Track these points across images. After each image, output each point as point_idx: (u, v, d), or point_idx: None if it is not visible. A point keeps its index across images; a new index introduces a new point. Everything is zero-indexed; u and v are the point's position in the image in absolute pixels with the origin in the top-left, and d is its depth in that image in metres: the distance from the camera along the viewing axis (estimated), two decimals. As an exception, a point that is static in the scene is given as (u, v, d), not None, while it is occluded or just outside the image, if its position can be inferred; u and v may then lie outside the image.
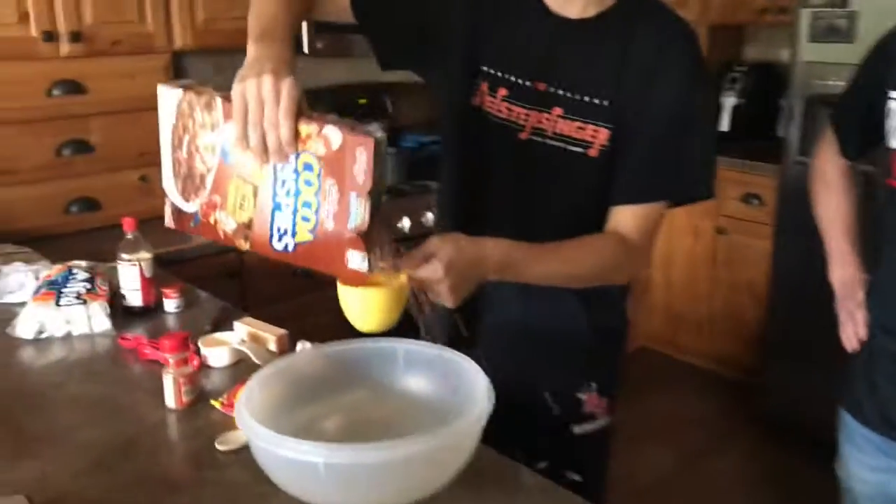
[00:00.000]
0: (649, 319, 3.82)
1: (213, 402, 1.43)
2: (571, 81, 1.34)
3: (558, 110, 1.35)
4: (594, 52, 1.34)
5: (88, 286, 1.83)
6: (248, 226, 1.15)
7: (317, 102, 3.30)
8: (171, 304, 1.88)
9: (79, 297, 1.78)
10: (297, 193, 1.10)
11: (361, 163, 1.04)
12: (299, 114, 1.08)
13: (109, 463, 1.26)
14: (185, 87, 1.15)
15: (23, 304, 1.80)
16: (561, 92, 1.34)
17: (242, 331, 1.70)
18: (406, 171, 3.07)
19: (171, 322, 1.85)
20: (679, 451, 3.14)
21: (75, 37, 2.42)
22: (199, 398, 1.45)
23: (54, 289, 1.81)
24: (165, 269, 2.21)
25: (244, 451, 1.20)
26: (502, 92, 1.38)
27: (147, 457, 1.28)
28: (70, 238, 2.50)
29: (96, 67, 2.51)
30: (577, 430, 1.51)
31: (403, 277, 1.15)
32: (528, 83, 1.36)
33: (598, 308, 1.48)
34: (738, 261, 3.52)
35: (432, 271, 1.15)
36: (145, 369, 1.59)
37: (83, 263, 2.02)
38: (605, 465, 1.61)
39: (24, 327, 1.73)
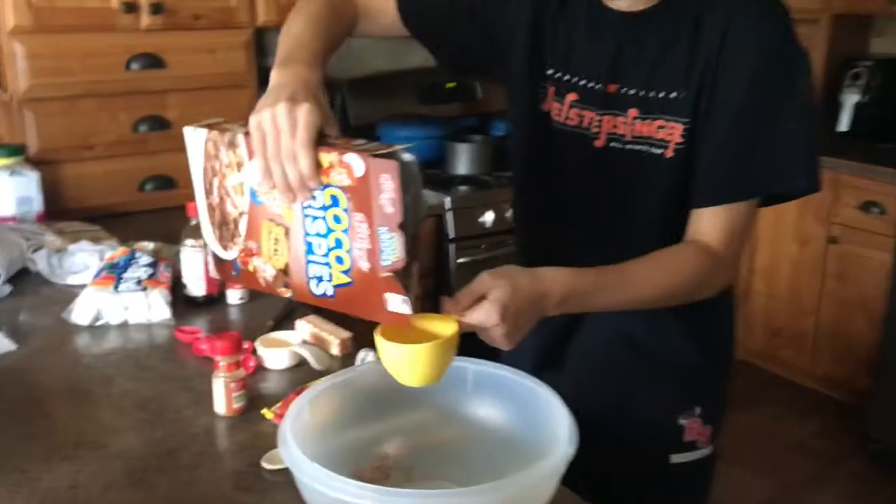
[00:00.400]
0: (748, 331, 3.55)
1: (264, 411, 1.31)
2: (643, 78, 1.19)
3: (634, 111, 1.20)
4: (664, 41, 1.17)
5: (150, 272, 1.73)
6: (286, 272, 1.03)
7: (402, 86, 3.15)
8: (234, 296, 1.76)
9: (139, 283, 1.69)
10: (329, 232, 0.97)
11: (388, 191, 0.90)
12: (321, 141, 0.95)
13: (145, 476, 1.15)
14: (210, 126, 1.04)
15: (84, 287, 1.72)
16: (633, 91, 1.20)
17: (305, 330, 1.57)
18: (492, 161, 2.90)
19: (233, 315, 1.74)
20: (777, 480, 2.89)
21: (156, 9, 2.34)
22: (251, 405, 1.33)
23: (114, 273, 1.72)
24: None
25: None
26: (571, 97, 1.26)
27: (186, 472, 1.16)
28: (143, 216, 2.43)
29: (176, 41, 2.42)
30: (676, 459, 1.33)
31: (453, 324, 1.00)
32: (597, 86, 1.23)
33: (704, 323, 1.32)
34: (851, 273, 3.22)
35: (485, 316, 1.00)
36: (199, 366, 1.48)
37: (149, 246, 1.93)
38: (705, 500, 1.42)
39: (80, 313, 1.64)
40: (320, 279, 1.00)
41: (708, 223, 1.17)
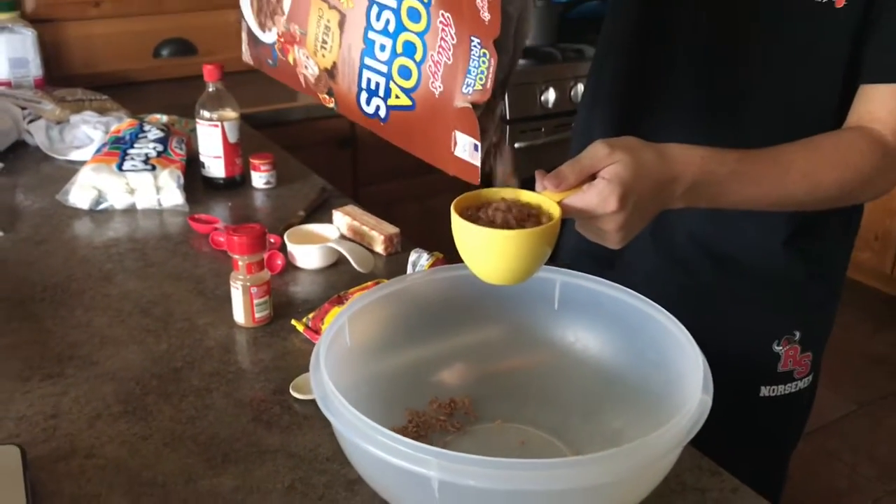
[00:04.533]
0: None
1: (294, 322, 1.06)
2: None
3: None
4: None
5: (160, 148, 1.47)
6: (332, 73, 0.77)
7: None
8: (259, 179, 1.50)
9: (147, 161, 1.42)
10: (399, 31, 0.71)
11: None
12: None
13: (143, 403, 0.91)
14: None
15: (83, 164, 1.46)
16: None
17: (342, 222, 1.30)
18: (556, 32, 2.55)
19: (258, 201, 1.48)
20: (853, 395, 2.64)
21: None
22: (278, 313, 1.08)
23: (119, 148, 1.46)
24: (262, 132, 1.84)
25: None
26: None
27: (195, 398, 0.92)
28: (157, 86, 2.15)
29: None
30: (766, 392, 1.08)
31: (554, 207, 0.74)
32: None
33: (815, 232, 1.02)
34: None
35: (600, 199, 0.74)
36: (216, 264, 1.23)
37: (163, 118, 1.66)
38: (793, 441, 1.17)
39: (78, 195, 1.39)
40: (374, 93, 0.74)
41: (882, 104, 0.88)
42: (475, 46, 0.66)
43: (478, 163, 0.70)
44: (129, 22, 2.09)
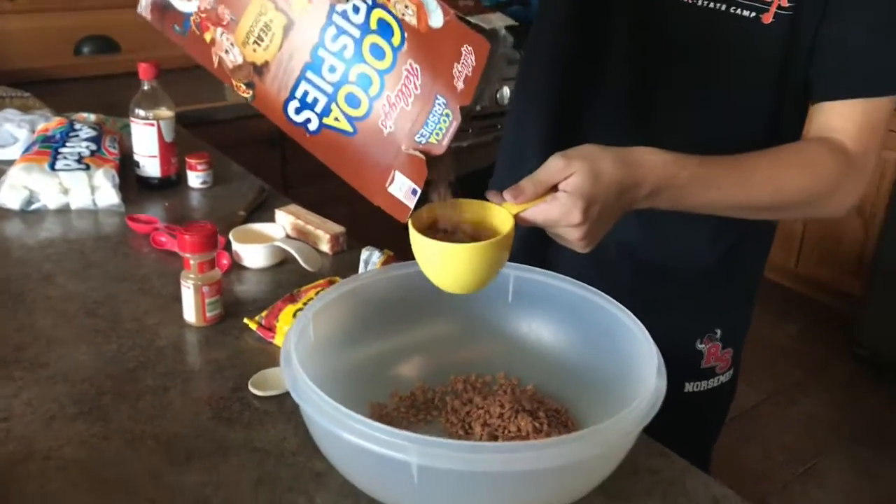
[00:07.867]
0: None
1: (247, 320, 1.06)
2: None
3: None
4: None
5: (93, 147, 1.44)
6: (260, 70, 0.74)
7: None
8: (196, 179, 1.48)
9: (80, 160, 1.39)
10: (355, 60, 0.71)
11: (467, 66, 0.69)
12: None
13: (99, 403, 0.90)
14: None
15: (12, 164, 1.42)
16: None
17: (286, 222, 1.31)
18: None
19: (195, 201, 1.46)
20: (760, 385, 2.78)
21: None
22: (227, 312, 1.08)
23: (49, 147, 1.42)
24: (192, 131, 1.82)
25: (289, 398, 0.83)
26: None
27: (152, 397, 0.92)
28: (79, 84, 2.09)
29: None
30: (690, 388, 1.12)
31: (509, 219, 0.78)
32: None
33: (739, 234, 1.07)
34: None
35: (563, 213, 0.77)
36: (159, 263, 1.21)
37: (91, 117, 1.62)
38: (716, 433, 1.23)
39: (8, 195, 1.35)
40: (309, 106, 0.73)
41: (845, 120, 0.92)
42: (439, 104, 0.68)
43: (411, 205, 0.72)
44: (46, 17, 2.03)
